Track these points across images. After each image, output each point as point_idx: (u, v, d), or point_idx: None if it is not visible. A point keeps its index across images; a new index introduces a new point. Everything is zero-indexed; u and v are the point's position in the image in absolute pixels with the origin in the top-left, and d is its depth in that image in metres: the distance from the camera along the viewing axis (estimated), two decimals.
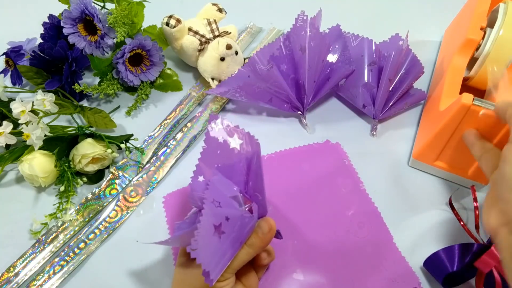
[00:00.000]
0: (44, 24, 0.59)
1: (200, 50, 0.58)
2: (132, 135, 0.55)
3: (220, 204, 0.35)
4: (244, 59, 0.61)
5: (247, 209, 0.37)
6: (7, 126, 0.50)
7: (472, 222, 0.49)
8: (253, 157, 0.38)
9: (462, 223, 0.47)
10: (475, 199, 0.48)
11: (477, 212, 0.47)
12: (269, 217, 0.38)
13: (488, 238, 0.45)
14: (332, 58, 0.59)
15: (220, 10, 0.62)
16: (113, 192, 0.51)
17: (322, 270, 0.45)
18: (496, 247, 0.39)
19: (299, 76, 0.56)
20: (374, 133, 0.57)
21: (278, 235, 0.40)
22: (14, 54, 0.60)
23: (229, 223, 0.34)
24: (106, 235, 0.48)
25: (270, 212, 0.46)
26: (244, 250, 0.36)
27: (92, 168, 0.51)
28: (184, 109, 0.59)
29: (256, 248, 0.36)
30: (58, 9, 0.60)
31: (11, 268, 0.45)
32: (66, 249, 0.47)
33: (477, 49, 0.53)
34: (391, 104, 0.56)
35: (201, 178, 0.37)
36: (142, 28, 0.62)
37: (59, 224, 0.48)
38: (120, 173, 0.53)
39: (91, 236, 0.48)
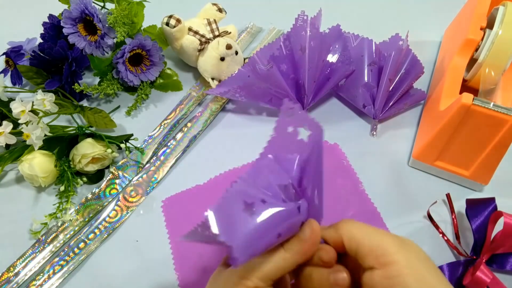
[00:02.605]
0: (44, 24, 0.59)
1: (200, 50, 0.58)
2: (132, 135, 0.55)
3: (258, 186, 0.28)
4: (244, 59, 0.61)
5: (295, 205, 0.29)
6: (7, 126, 0.50)
7: (465, 228, 0.48)
8: (313, 148, 0.31)
9: (445, 237, 0.46)
10: (452, 209, 0.48)
11: (455, 222, 0.47)
12: (314, 220, 0.31)
13: (471, 249, 0.45)
14: (332, 58, 0.59)
15: (220, 10, 0.62)
16: (113, 192, 0.51)
17: None
18: None
19: (299, 76, 0.56)
20: (374, 133, 0.57)
21: None
22: (14, 54, 0.60)
23: (264, 206, 0.27)
24: (106, 235, 0.48)
25: None
26: (281, 254, 0.29)
27: (92, 168, 0.51)
28: (184, 109, 0.59)
29: (294, 255, 0.29)
30: (58, 9, 0.60)
31: (11, 268, 0.45)
32: (66, 249, 0.47)
33: (476, 49, 0.53)
34: (391, 104, 0.56)
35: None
36: (142, 28, 0.62)
37: (59, 224, 0.48)
38: (120, 173, 0.53)
39: (91, 236, 0.48)
